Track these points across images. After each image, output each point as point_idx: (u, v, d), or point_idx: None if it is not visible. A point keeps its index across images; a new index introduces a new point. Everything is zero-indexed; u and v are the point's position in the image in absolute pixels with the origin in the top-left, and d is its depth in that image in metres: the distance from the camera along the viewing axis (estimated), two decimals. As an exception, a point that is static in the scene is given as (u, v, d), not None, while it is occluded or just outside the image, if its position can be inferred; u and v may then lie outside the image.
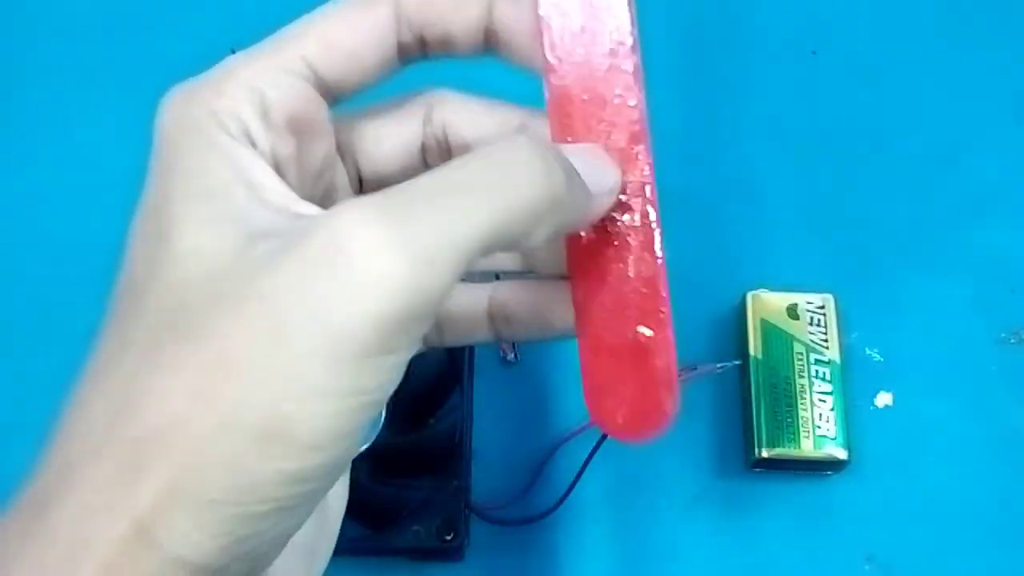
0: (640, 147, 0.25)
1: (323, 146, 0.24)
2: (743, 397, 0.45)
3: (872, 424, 0.45)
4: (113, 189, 0.49)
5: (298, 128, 0.23)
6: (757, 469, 0.44)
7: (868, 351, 0.46)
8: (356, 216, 0.19)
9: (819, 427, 0.42)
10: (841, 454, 0.42)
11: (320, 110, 0.24)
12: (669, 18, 0.53)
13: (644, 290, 0.25)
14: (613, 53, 0.24)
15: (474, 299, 0.27)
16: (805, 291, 0.45)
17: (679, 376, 0.25)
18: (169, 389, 0.19)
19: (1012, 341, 0.46)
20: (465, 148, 0.26)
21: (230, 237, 0.20)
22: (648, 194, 0.25)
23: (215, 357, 0.19)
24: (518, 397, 0.46)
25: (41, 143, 0.52)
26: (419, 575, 0.43)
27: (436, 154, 0.26)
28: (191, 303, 0.20)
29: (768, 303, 0.45)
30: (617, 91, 0.24)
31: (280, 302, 0.19)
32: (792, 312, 0.45)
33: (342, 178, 0.26)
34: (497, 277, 0.28)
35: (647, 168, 0.25)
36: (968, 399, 0.45)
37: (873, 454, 0.44)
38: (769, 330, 0.44)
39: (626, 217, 0.25)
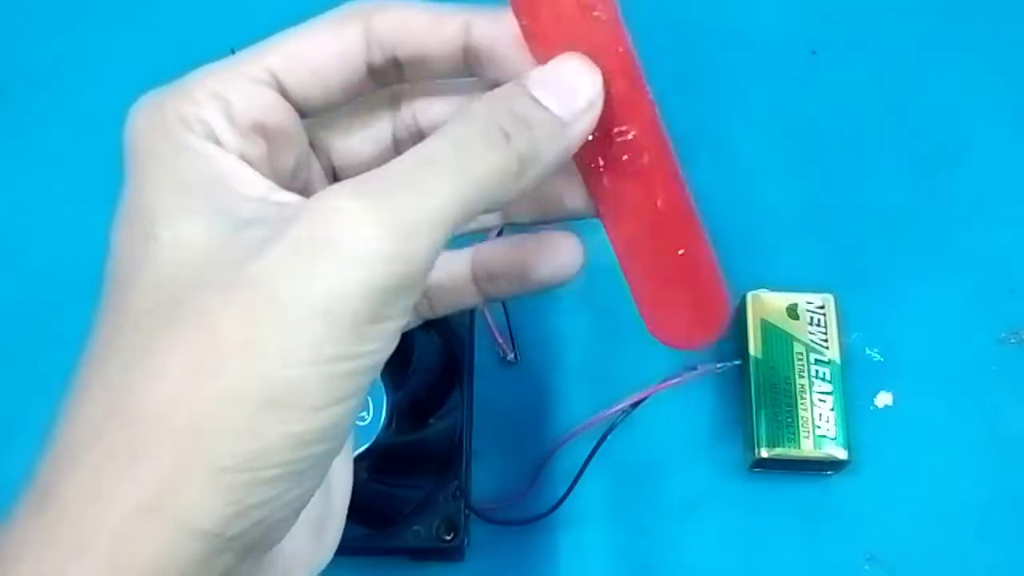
0: (638, 91, 0.25)
1: (295, 148, 0.25)
2: (743, 397, 0.45)
3: (872, 424, 0.45)
4: (112, 188, 0.50)
5: (266, 133, 0.24)
6: (757, 469, 0.43)
7: (868, 351, 0.46)
8: (337, 197, 0.20)
9: (819, 427, 0.42)
10: (841, 454, 0.42)
11: (288, 117, 0.24)
12: (669, 18, 0.53)
13: (675, 215, 0.27)
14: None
15: (457, 264, 0.28)
16: (805, 291, 0.45)
17: (723, 285, 0.27)
18: (167, 368, 0.20)
19: (1012, 341, 0.46)
20: (434, 127, 0.26)
21: (214, 226, 0.21)
22: (658, 132, 0.26)
23: (212, 335, 0.20)
24: (518, 397, 0.46)
25: (40, 142, 0.52)
26: (419, 575, 0.43)
27: (409, 143, 0.26)
28: (181, 290, 0.21)
29: (768, 303, 0.45)
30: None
31: (273, 280, 0.20)
32: (792, 312, 0.45)
33: (318, 174, 0.27)
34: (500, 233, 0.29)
35: (650, 109, 0.25)
36: (968, 399, 0.45)
37: (873, 454, 0.44)
38: (769, 330, 0.44)
39: (645, 158, 0.26)
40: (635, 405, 0.40)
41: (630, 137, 0.26)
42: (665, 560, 0.43)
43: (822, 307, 0.45)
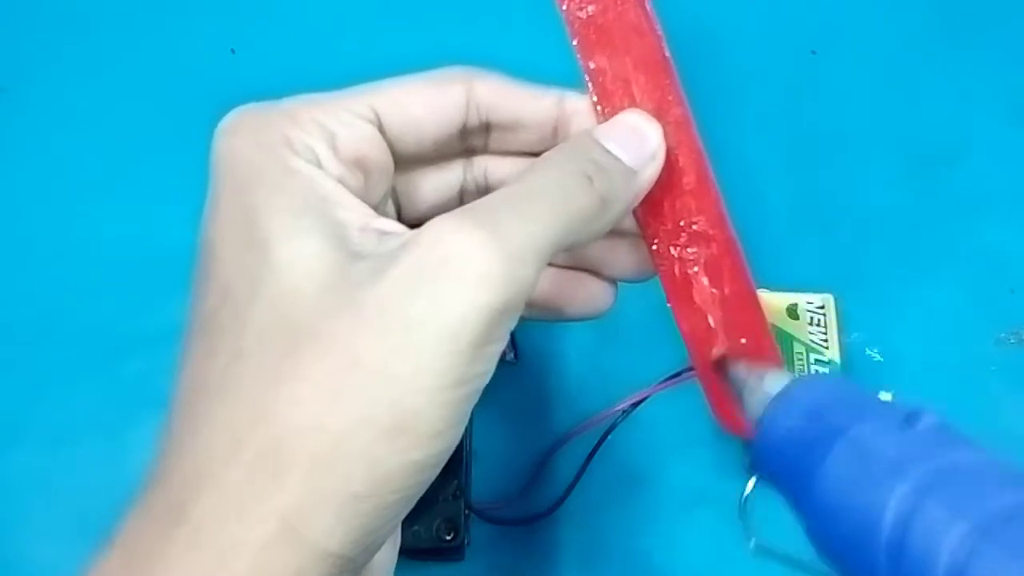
0: (706, 184, 0.28)
1: (385, 184, 0.26)
2: None
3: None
4: (111, 188, 0.50)
5: (364, 166, 0.25)
6: (757, 469, 0.44)
7: (868, 351, 0.46)
8: (454, 225, 0.21)
9: None
10: None
11: (385, 154, 0.26)
12: (668, 18, 0.53)
13: (739, 306, 0.29)
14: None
15: None
16: (805, 291, 0.45)
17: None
18: (299, 393, 0.20)
19: (1012, 341, 0.47)
20: (502, 183, 0.28)
21: (327, 250, 0.22)
22: (725, 224, 0.28)
23: (345, 360, 0.20)
24: (518, 397, 0.46)
25: (40, 142, 0.52)
26: (419, 575, 0.43)
27: (474, 195, 0.28)
28: (304, 313, 0.21)
29: (768, 303, 0.45)
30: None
31: (398, 305, 0.20)
32: (792, 312, 0.45)
33: (392, 213, 0.28)
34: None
35: (718, 202, 0.28)
36: (967, 399, 0.45)
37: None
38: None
39: (713, 248, 0.29)
40: (635, 405, 0.40)
41: (696, 228, 0.28)
42: (665, 560, 0.43)
43: (822, 307, 0.45)
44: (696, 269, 0.28)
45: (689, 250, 0.28)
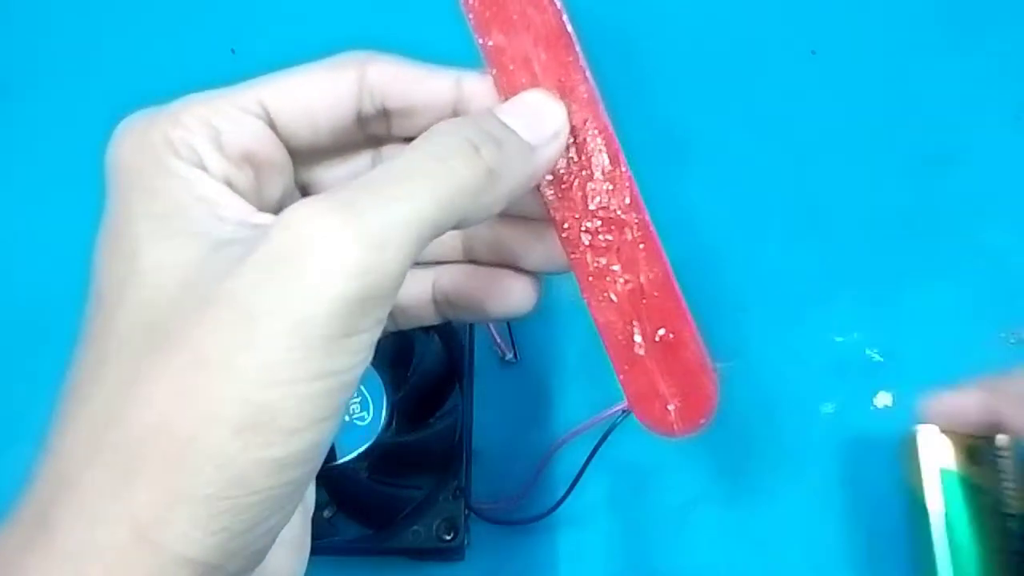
0: (619, 168, 0.26)
1: (282, 180, 0.26)
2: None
3: (872, 424, 0.45)
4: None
5: (254, 162, 0.24)
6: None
7: (868, 351, 0.46)
8: (308, 211, 0.20)
9: None
10: None
11: (276, 149, 0.25)
12: (668, 18, 0.53)
13: (656, 294, 0.27)
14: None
15: (419, 284, 0.29)
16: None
17: (710, 372, 0.27)
18: (151, 395, 0.20)
19: (1012, 341, 0.46)
20: None
21: (193, 249, 0.21)
22: (640, 208, 0.26)
23: (190, 358, 0.20)
24: (518, 397, 0.46)
25: (40, 143, 0.52)
26: (419, 575, 0.43)
27: None
28: (162, 313, 0.21)
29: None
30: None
31: (246, 298, 0.20)
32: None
33: None
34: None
35: (631, 186, 0.26)
36: (968, 399, 0.45)
37: (873, 454, 0.44)
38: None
39: (627, 235, 0.26)
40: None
41: (609, 213, 0.26)
42: (665, 560, 0.43)
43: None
44: (609, 257, 0.26)
45: (601, 237, 0.26)
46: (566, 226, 0.26)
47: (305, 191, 0.27)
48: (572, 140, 0.26)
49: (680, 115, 0.51)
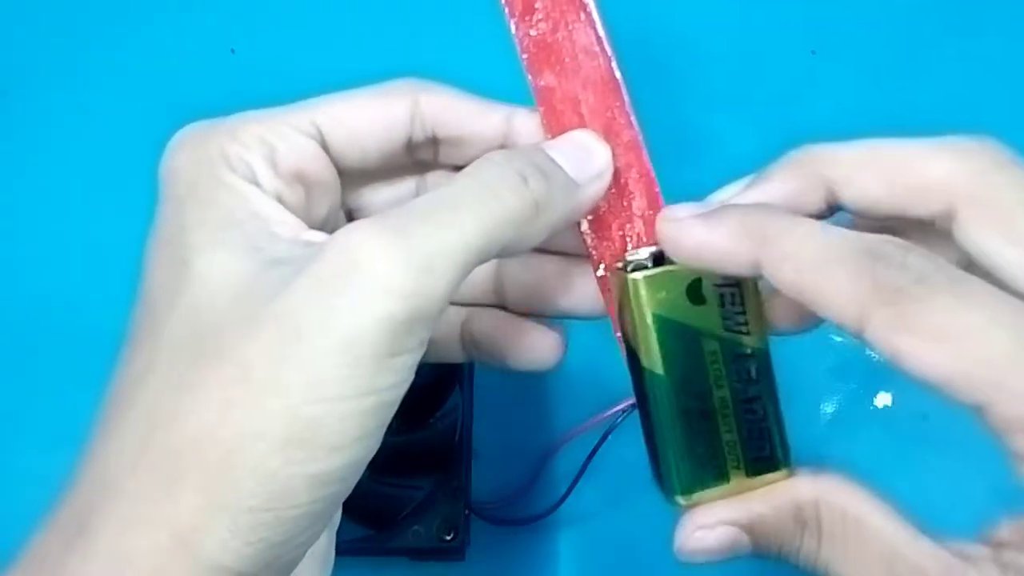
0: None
1: (329, 199, 0.26)
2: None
3: (872, 424, 0.45)
4: (111, 188, 0.50)
5: (305, 181, 0.25)
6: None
7: (868, 351, 0.46)
8: (361, 234, 0.21)
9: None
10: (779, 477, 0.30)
11: (327, 169, 0.26)
12: (668, 18, 0.53)
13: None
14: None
15: (450, 323, 0.30)
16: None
17: None
18: (197, 404, 0.20)
19: (1012, 341, 0.46)
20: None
21: (246, 262, 0.22)
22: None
23: (238, 371, 0.20)
24: (518, 397, 0.46)
25: (40, 143, 0.52)
26: (419, 575, 0.43)
27: None
28: (212, 324, 0.21)
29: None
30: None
31: (296, 315, 0.20)
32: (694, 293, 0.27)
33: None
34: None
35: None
36: (968, 399, 0.45)
37: (873, 454, 0.44)
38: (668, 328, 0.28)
39: None
40: (635, 405, 0.40)
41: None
42: (665, 560, 0.43)
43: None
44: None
45: None
46: (603, 266, 0.27)
47: (349, 211, 0.28)
48: (614, 182, 0.26)
49: (680, 115, 0.51)
